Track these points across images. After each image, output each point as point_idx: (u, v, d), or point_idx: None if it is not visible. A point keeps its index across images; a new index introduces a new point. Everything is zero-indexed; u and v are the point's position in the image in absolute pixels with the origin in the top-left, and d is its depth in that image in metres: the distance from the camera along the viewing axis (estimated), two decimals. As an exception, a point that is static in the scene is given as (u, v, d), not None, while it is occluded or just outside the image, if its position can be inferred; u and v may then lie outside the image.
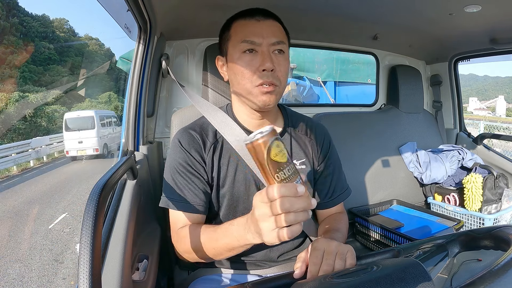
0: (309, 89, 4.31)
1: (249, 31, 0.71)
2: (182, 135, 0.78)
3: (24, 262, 3.66)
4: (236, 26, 0.74)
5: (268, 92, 0.71)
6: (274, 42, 0.71)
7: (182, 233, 0.72)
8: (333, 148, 0.91)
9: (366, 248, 1.32)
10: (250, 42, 0.71)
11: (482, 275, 0.41)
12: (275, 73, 0.71)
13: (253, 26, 0.72)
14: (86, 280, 0.37)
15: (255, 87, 0.71)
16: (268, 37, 0.71)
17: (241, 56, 0.72)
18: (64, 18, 48.02)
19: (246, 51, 0.71)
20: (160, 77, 1.13)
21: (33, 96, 20.42)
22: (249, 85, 0.72)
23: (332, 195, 0.88)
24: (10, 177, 8.90)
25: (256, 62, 0.71)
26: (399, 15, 1.22)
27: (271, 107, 0.76)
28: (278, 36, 0.73)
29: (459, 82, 1.82)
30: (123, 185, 0.79)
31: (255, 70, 0.70)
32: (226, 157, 0.78)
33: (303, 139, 0.86)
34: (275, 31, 0.73)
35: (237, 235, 0.58)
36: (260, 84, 0.70)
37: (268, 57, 0.70)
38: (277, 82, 0.72)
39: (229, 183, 0.77)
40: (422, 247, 0.59)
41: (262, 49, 0.71)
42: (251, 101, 0.74)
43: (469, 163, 1.51)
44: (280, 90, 0.74)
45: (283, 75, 0.73)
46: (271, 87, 0.71)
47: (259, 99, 0.72)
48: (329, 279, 0.46)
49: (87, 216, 0.42)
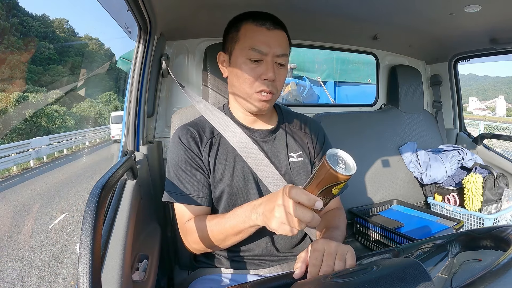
0: (309, 89, 4.31)
1: (258, 39, 0.74)
2: (181, 132, 0.81)
3: (24, 262, 3.66)
4: (246, 30, 0.76)
5: (266, 101, 0.76)
6: (279, 55, 0.75)
7: (189, 225, 0.75)
8: (328, 142, 0.94)
9: (366, 248, 1.32)
10: (258, 51, 0.74)
11: (482, 275, 0.41)
12: (274, 83, 0.76)
13: (263, 35, 0.75)
14: (86, 280, 0.37)
15: (254, 93, 0.76)
16: (274, 48, 0.74)
17: (246, 62, 0.75)
18: (64, 18, 48.05)
19: (251, 58, 0.75)
20: (160, 77, 1.13)
21: (33, 96, 20.42)
22: (248, 90, 0.76)
23: None
24: (10, 177, 8.90)
25: (260, 70, 0.75)
26: (399, 15, 1.22)
27: (266, 112, 0.81)
28: (284, 48, 0.77)
29: (459, 82, 1.82)
30: (123, 185, 0.79)
31: (257, 77, 0.75)
32: (223, 153, 0.81)
33: (298, 134, 0.89)
34: (282, 43, 0.77)
35: (243, 216, 0.64)
36: (260, 91, 0.75)
37: (271, 68, 0.74)
38: (275, 90, 0.77)
39: (227, 178, 0.79)
40: (422, 247, 0.59)
41: (267, 59, 0.75)
42: (248, 104, 0.78)
43: (469, 163, 1.51)
44: (276, 98, 0.80)
45: (280, 85, 0.79)
46: (269, 96, 0.76)
47: (256, 105, 0.77)
48: (329, 279, 0.46)
49: (87, 216, 0.41)
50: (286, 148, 0.85)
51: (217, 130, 0.82)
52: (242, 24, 0.77)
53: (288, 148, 0.85)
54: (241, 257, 0.83)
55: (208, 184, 0.79)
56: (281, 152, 0.84)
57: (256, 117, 0.84)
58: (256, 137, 0.83)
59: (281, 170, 0.82)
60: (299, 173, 0.85)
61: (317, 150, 0.90)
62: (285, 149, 0.85)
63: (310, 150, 0.89)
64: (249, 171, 0.80)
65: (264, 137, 0.84)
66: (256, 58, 0.74)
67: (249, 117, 0.84)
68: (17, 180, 8.38)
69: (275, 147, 0.84)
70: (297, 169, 0.85)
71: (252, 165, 0.79)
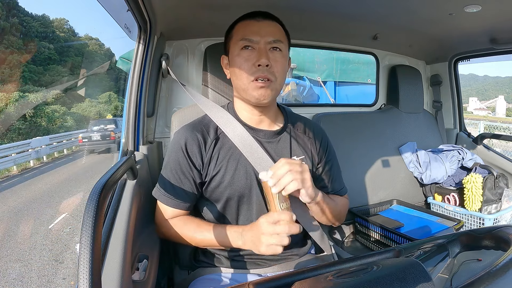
0: (309, 89, 4.31)
1: (249, 30, 0.76)
2: (185, 134, 0.81)
3: (24, 262, 3.66)
4: (239, 26, 0.79)
5: (263, 87, 0.74)
6: (271, 41, 0.75)
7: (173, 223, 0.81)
8: (331, 147, 0.94)
9: (366, 248, 1.32)
10: (248, 40, 0.75)
11: (482, 275, 0.41)
12: (271, 69, 0.74)
13: (252, 26, 0.76)
14: (86, 280, 0.37)
15: (250, 82, 0.75)
16: (265, 36, 0.75)
17: (240, 53, 0.76)
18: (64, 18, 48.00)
19: (243, 48, 0.75)
20: (160, 77, 1.13)
21: (33, 96, 20.41)
22: (245, 80, 0.75)
23: (330, 192, 0.92)
24: (10, 177, 8.90)
25: (253, 58, 0.74)
26: (399, 15, 1.22)
27: (267, 102, 0.78)
28: (276, 35, 0.76)
29: (459, 82, 1.82)
30: (123, 185, 0.79)
31: (251, 65, 0.74)
32: (227, 152, 0.80)
33: (302, 138, 0.88)
34: (274, 31, 0.77)
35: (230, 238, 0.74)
36: (255, 79, 0.74)
37: (264, 53, 0.74)
38: (273, 77, 0.75)
39: (230, 177, 0.79)
40: (423, 247, 0.59)
41: (259, 46, 0.75)
42: (247, 95, 0.77)
43: (469, 163, 1.51)
44: (276, 86, 0.77)
45: (279, 71, 0.76)
46: (266, 82, 0.74)
47: (254, 93, 0.75)
48: (329, 279, 0.46)
49: (87, 216, 0.41)
50: (290, 151, 0.85)
51: (220, 128, 0.82)
52: (236, 24, 0.80)
53: (292, 152, 0.85)
54: (241, 257, 0.83)
55: (193, 194, 0.81)
56: (284, 154, 0.84)
57: (262, 115, 0.83)
58: (260, 137, 0.83)
59: None
60: None
61: (320, 156, 0.90)
62: (289, 152, 0.84)
63: (314, 155, 0.88)
64: (252, 171, 0.80)
65: (268, 138, 0.83)
66: (246, 44, 0.75)
67: (255, 117, 0.83)
68: (17, 180, 8.38)
69: (279, 148, 0.84)
70: None
71: (254, 163, 0.78)
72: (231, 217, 0.83)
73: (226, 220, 0.83)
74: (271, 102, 0.80)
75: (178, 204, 0.80)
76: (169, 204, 0.80)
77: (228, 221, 0.83)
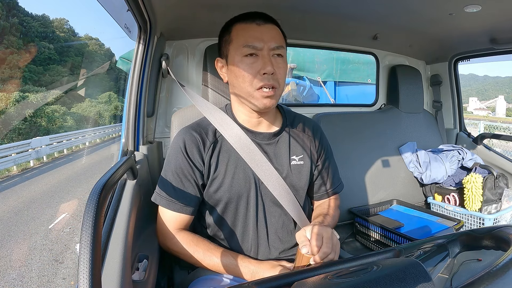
0: (309, 89, 4.31)
1: (250, 35, 0.74)
2: (184, 136, 0.80)
3: (24, 262, 3.66)
4: (237, 29, 0.77)
5: (268, 97, 0.75)
6: (274, 47, 0.75)
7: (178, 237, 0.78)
8: (328, 144, 0.95)
9: (366, 248, 1.32)
10: (252, 47, 0.74)
11: (482, 275, 0.41)
12: (275, 76, 0.75)
13: (253, 31, 0.75)
14: (86, 280, 0.37)
15: (256, 91, 0.74)
16: (268, 42, 0.74)
17: (243, 60, 0.75)
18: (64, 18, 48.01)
19: (247, 55, 0.74)
20: (160, 77, 1.13)
21: (33, 96, 20.42)
22: (250, 88, 0.74)
23: (328, 188, 0.94)
24: (10, 177, 8.90)
25: (257, 66, 0.74)
26: (399, 15, 1.22)
27: (270, 109, 0.80)
28: (278, 40, 0.76)
29: (459, 82, 1.82)
30: (123, 185, 0.79)
31: (256, 73, 0.74)
32: (225, 155, 0.80)
33: (301, 136, 0.89)
34: (275, 36, 0.76)
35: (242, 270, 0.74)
36: (261, 87, 0.74)
37: (269, 61, 0.73)
38: (277, 84, 0.76)
39: (229, 180, 0.79)
40: (423, 247, 0.59)
41: (263, 53, 0.74)
42: (252, 103, 0.76)
43: (469, 163, 1.51)
44: (279, 93, 0.78)
45: (282, 78, 0.77)
46: (272, 91, 0.74)
47: (260, 102, 0.75)
48: (329, 278, 0.46)
49: (87, 216, 0.41)
50: (289, 151, 0.85)
51: (218, 130, 0.81)
52: (233, 26, 0.78)
53: (291, 151, 0.85)
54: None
55: (196, 197, 0.79)
56: (283, 155, 0.84)
57: (261, 117, 0.82)
58: (259, 140, 0.83)
59: (282, 172, 0.82)
60: (300, 176, 0.86)
61: (319, 153, 0.91)
62: (288, 152, 0.84)
63: (313, 152, 0.89)
64: (251, 174, 0.80)
65: (267, 140, 0.83)
66: (250, 52, 0.74)
67: (253, 119, 0.82)
68: (17, 180, 8.38)
69: (277, 149, 0.84)
70: (298, 172, 0.85)
71: (252, 165, 0.78)
72: (229, 220, 0.83)
73: (224, 222, 0.83)
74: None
75: (182, 208, 0.77)
76: (172, 208, 0.77)
77: (226, 223, 0.83)
